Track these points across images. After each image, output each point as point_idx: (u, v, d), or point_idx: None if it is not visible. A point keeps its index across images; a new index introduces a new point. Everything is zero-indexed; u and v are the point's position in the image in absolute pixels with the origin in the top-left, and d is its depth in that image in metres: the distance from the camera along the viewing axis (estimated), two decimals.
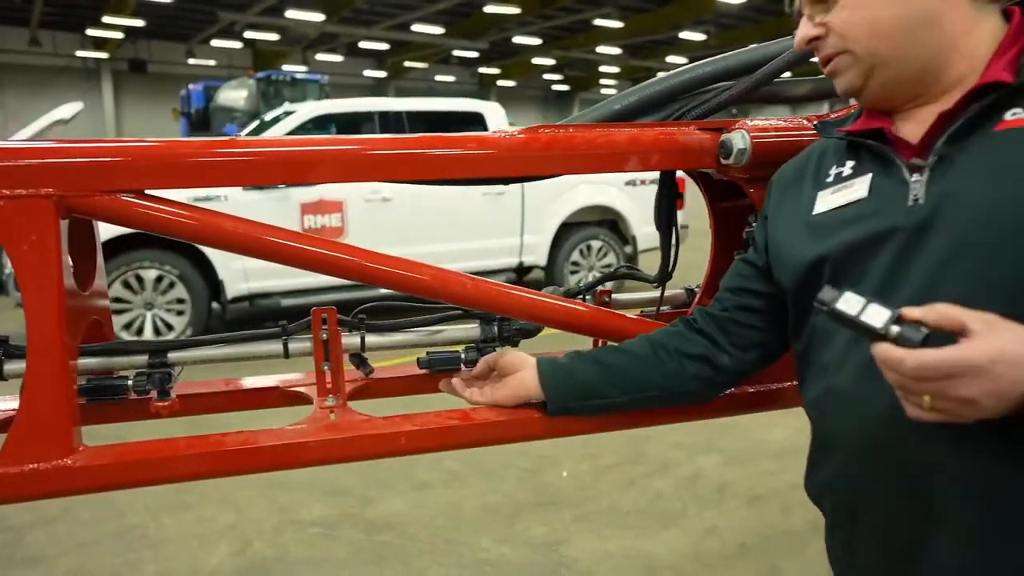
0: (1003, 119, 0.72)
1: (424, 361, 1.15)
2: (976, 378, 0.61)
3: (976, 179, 0.72)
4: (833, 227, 0.82)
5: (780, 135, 1.06)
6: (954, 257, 0.71)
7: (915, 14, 0.74)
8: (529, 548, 2.54)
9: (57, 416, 0.84)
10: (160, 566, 2.43)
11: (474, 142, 1.00)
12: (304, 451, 0.93)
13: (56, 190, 0.84)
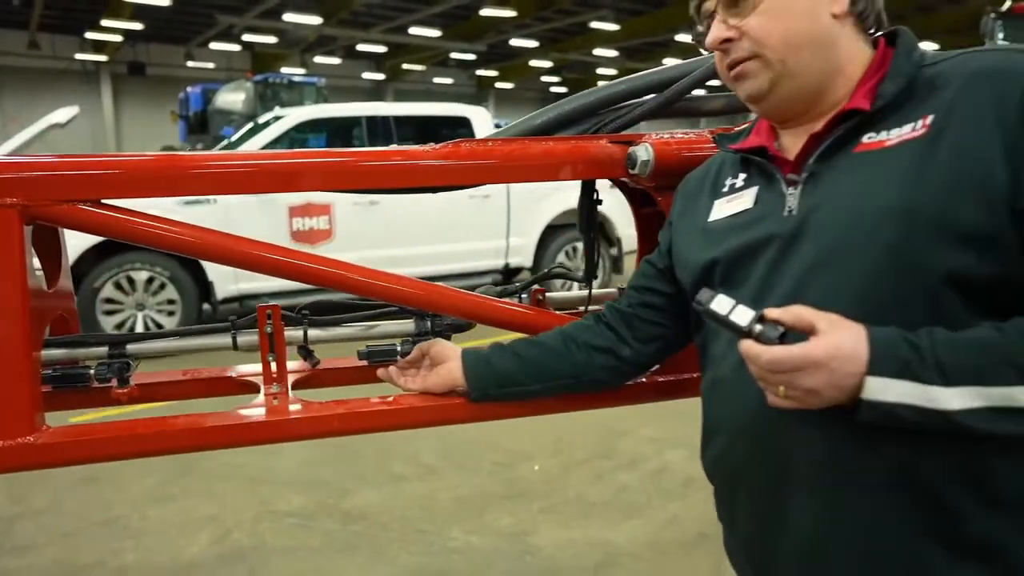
0: (861, 141, 0.81)
1: (364, 353, 1.26)
2: (817, 371, 0.71)
3: (837, 194, 0.81)
4: (724, 233, 0.91)
5: (681, 147, 1.17)
6: (817, 263, 0.80)
7: (821, 33, 0.83)
8: (497, 537, 2.65)
9: (20, 399, 0.95)
10: (141, 555, 2.54)
11: (400, 155, 1.11)
12: (245, 431, 1.04)
13: (19, 199, 0.95)
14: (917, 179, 0.75)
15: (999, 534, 0.75)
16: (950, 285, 0.73)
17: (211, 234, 1.06)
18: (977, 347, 0.70)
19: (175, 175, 1.05)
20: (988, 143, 0.73)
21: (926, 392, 0.69)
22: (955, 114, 0.76)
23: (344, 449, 3.44)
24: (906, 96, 0.80)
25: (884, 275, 0.75)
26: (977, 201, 0.72)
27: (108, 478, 3.14)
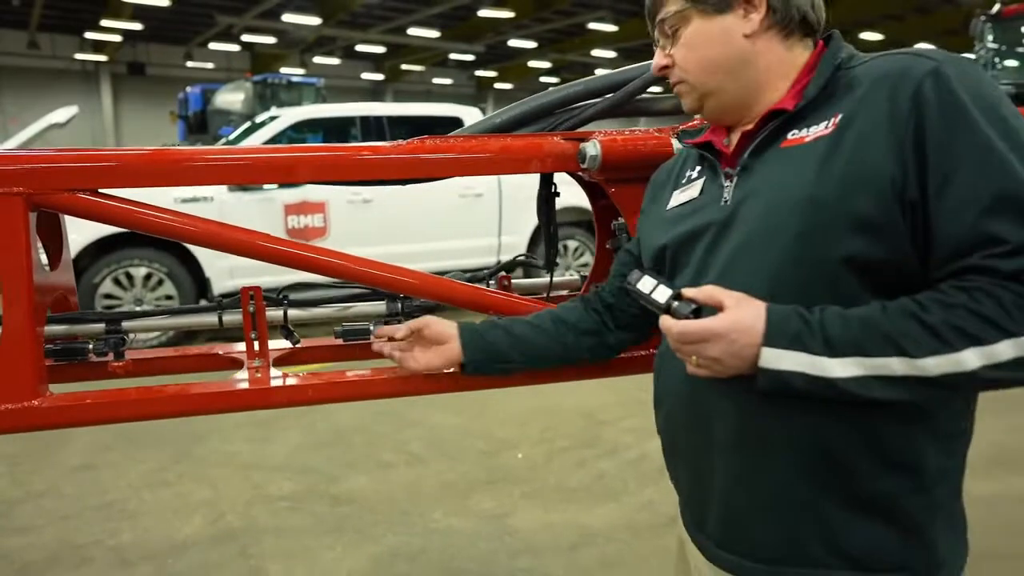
0: (787, 138, 0.89)
1: (339, 332, 1.37)
2: (719, 341, 0.81)
3: (763, 186, 0.89)
4: (675, 221, 1.00)
5: (627, 144, 1.29)
6: (742, 248, 0.88)
7: (736, 55, 0.92)
8: (478, 519, 2.76)
9: (25, 367, 1.06)
10: (137, 535, 2.66)
11: (368, 150, 1.23)
12: (229, 398, 1.16)
13: (24, 189, 1.06)
14: (821, 173, 0.83)
15: (891, 493, 0.85)
16: (848, 268, 0.81)
17: (194, 220, 1.18)
18: (861, 323, 0.78)
19: (163, 167, 1.16)
20: (882, 140, 0.80)
21: (814, 361, 0.78)
22: (859, 113, 0.83)
23: (334, 438, 3.56)
24: (825, 96, 0.88)
25: (793, 259, 0.84)
26: (871, 193, 0.79)
27: (105, 464, 3.26)
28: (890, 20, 22.92)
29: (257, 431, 3.64)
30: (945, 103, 0.78)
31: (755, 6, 0.91)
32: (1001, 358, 0.73)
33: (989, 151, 0.76)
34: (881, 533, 0.85)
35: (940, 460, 0.87)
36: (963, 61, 0.84)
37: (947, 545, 0.88)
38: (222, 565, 2.46)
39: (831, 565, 0.86)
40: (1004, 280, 0.73)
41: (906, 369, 0.75)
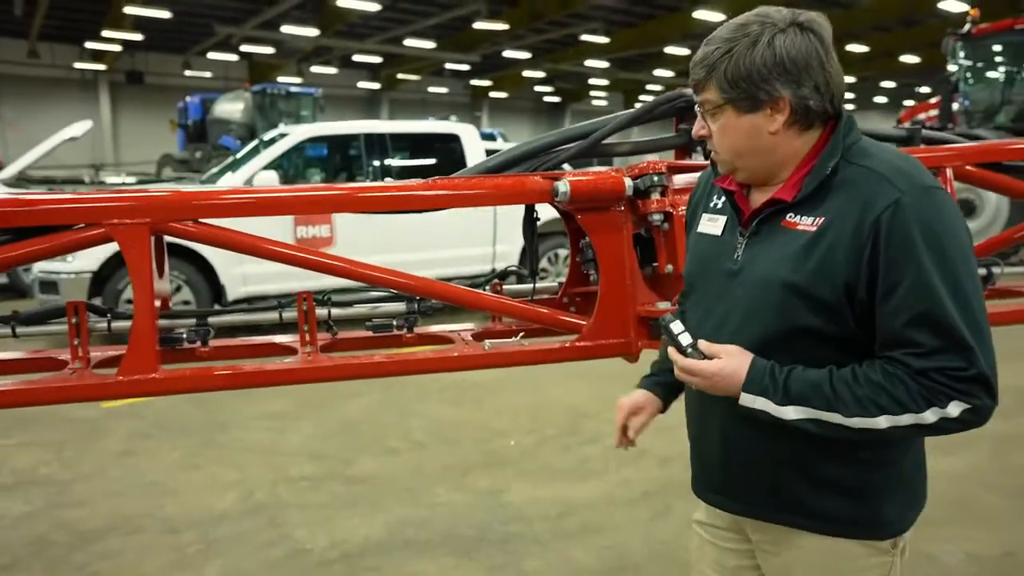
0: (786, 218, 1.11)
1: (370, 326, 1.78)
2: (708, 379, 1.10)
3: (762, 256, 1.12)
4: (699, 248, 1.25)
5: (590, 182, 1.69)
6: (741, 302, 1.14)
7: (760, 146, 1.11)
8: (475, 495, 3.16)
9: (150, 349, 1.46)
10: (179, 508, 3.05)
11: (396, 188, 1.64)
12: (292, 373, 1.56)
13: (149, 219, 1.47)
14: (800, 263, 1.07)
15: (844, 478, 1.14)
16: (810, 336, 1.08)
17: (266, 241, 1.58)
18: (812, 384, 1.05)
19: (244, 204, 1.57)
20: (846, 250, 1.04)
21: (774, 407, 1.07)
22: (834, 223, 1.06)
23: (344, 428, 3.95)
24: (818, 191, 1.09)
25: (771, 322, 1.10)
26: (830, 288, 1.05)
27: (143, 451, 3.65)
28: (877, 31, 23.52)
29: (274, 422, 4.03)
30: (898, 235, 1.01)
31: (780, 110, 1.07)
32: (902, 423, 1.03)
33: (924, 279, 1.00)
34: (836, 502, 1.14)
35: (879, 455, 1.14)
36: (925, 194, 1.03)
37: (894, 511, 1.16)
38: (255, 532, 2.85)
39: (800, 516, 1.16)
40: (914, 373, 1.02)
41: (837, 420, 1.05)
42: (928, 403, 1.02)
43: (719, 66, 1.09)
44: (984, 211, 8.45)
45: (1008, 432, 3.83)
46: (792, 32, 1.07)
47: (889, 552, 1.18)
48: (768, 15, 1.09)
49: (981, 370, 1.01)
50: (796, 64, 1.06)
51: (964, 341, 1.01)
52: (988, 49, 9.82)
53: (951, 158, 2.03)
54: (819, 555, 1.18)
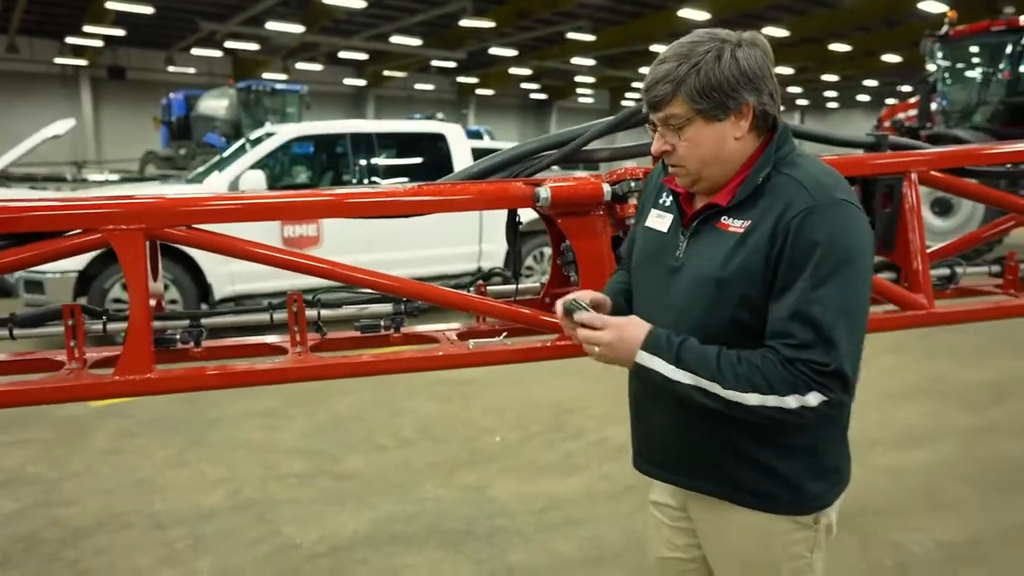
0: (720, 220, 1.22)
1: (358, 326, 1.84)
2: (610, 332, 1.20)
3: (699, 255, 1.23)
4: (646, 241, 1.35)
5: (570, 188, 1.76)
6: (680, 295, 1.25)
7: (726, 154, 1.20)
8: (461, 490, 3.23)
9: (146, 351, 1.52)
10: (168, 504, 3.09)
11: (386, 194, 1.70)
12: (283, 372, 1.62)
13: (144, 225, 1.52)
14: (727, 262, 1.18)
15: (771, 460, 1.24)
16: (741, 329, 1.19)
17: (255, 245, 1.64)
18: (702, 355, 1.16)
19: (236, 209, 1.62)
20: (763, 249, 1.15)
21: (666, 367, 1.17)
22: (759, 225, 1.17)
23: (333, 425, 4.01)
24: (749, 199, 1.20)
25: (705, 315, 1.21)
26: (752, 283, 1.16)
27: (131, 449, 3.68)
28: (859, 31, 23.78)
29: (264, 420, 4.08)
30: (802, 238, 1.12)
31: (744, 115, 1.18)
32: (767, 404, 1.13)
33: (814, 282, 1.11)
34: (763, 479, 1.25)
35: (801, 439, 1.24)
36: (835, 205, 1.13)
37: (816, 490, 1.26)
38: (244, 528, 2.90)
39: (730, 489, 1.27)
40: (783, 361, 1.12)
41: (715, 390, 1.15)
42: (792, 389, 1.12)
43: (687, 80, 1.17)
44: (961, 209, 8.63)
45: (978, 424, 3.96)
46: (746, 46, 1.18)
47: (812, 527, 1.29)
48: (715, 34, 1.20)
49: (842, 368, 1.12)
50: (756, 73, 1.17)
51: (832, 341, 1.11)
52: (965, 50, 9.99)
53: (916, 163, 2.12)
54: (750, 529, 1.29)
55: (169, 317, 1.70)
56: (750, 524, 1.29)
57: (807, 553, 1.30)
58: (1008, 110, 9.15)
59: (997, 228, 2.51)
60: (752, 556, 1.31)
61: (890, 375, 4.77)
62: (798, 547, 1.29)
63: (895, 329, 2.09)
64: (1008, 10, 13.74)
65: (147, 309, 1.52)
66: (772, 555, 1.29)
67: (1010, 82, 9.30)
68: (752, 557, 1.31)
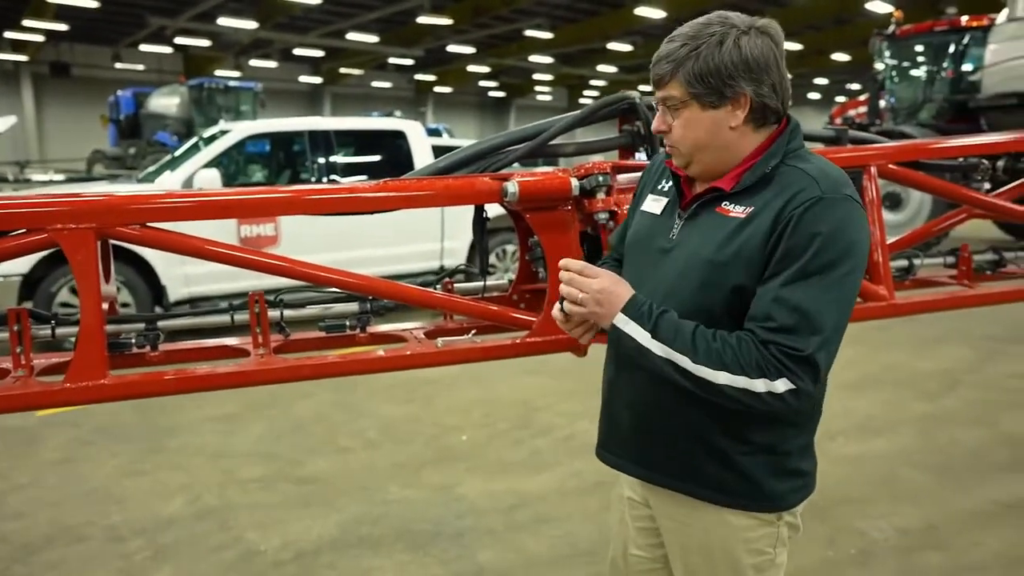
0: (721, 205, 1.20)
1: (322, 326, 1.79)
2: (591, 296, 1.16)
3: (694, 236, 1.22)
4: (640, 224, 1.33)
5: (538, 182, 1.74)
6: (671, 274, 1.23)
7: (720, 142, 1.19)
8: (428, 490, 3.19)
9: (99, 356, 1.44)
10: (125, 515, 2.98)
11: (347, 190, 1.65)
12: (245, 375, 1.56)
13: (95, 224, 1.44)
14: (724, 246, 1.17)
15: (730, 451, 1.24)
16: (724, 310, 1.18)
17: (212, 243, 1.57)
18: (678, 328, 1.14)
19: (189, 207, 1.56)
20: (764, 237, 1.13)
21: (641, 334, 1.15)
22: (762, 212, 1.15)
23: (295, 428, 3.92)
24: (755, 185, 1.18)
25: (692, 295, 1.20)
26: (746, 269, 1.15)
27: (83, 458, 3.54)
28: (810, 30, 24.36)
29: (222, 425, 3.96)
30: (802, 229, 1.11)
31: (741, 106, 1.16)
32: (735, 385, 1.11)
33: (808, 270, 1.10)
34: (724, 472, 1.25)
35: (767, 439, 1.24)
36: (843, 200, 1.12)
37: (781, 490, 1.26)
38: (205, 536, 2.81)
39: (691, 480, 1.28)
40: (759, 343, 1.11)
41: (685, 364, 1.13)
42: (761, 373, 1.10)
43: (686, 63, 1.16)
44: (909, 204, 8.91)
45: (933, 413, 4.08)
46: (754, 34, 1.16)
47: (774, 524, 1.29)
48: (727, 18, 1.17)
49: (815, 357, 1.10)
50: (758, 64, 1.15)
51: (813, 328, 1.10)
52: (911, 49, 10.32)
53: (875, 157, 2.16)
54: (711, 524, 1.29)
55: (123, 320, 1.62)
56: (711, 519, 1.29)
57: (769, 549, 1.30)
58: (952, 107, 9.49)
59: (951, 220, 2.58)
60: (714, 551, 1.30)
61: (850, 366, 4.88)
62: (760, 543, 1.29)
63: (856, 321, 2.11)
64: (951, 10, 14.22)
65: (99, 312, 1.44)
66: (733, 550, 1.29)
67: (953, 80, 9.65)
68: (714, 552, 1.30)
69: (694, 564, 1.34)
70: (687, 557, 1.35)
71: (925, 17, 10.92)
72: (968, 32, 9.46)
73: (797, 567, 2.56)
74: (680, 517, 1.33)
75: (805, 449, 1.32)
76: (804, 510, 1.35)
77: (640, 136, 1.96)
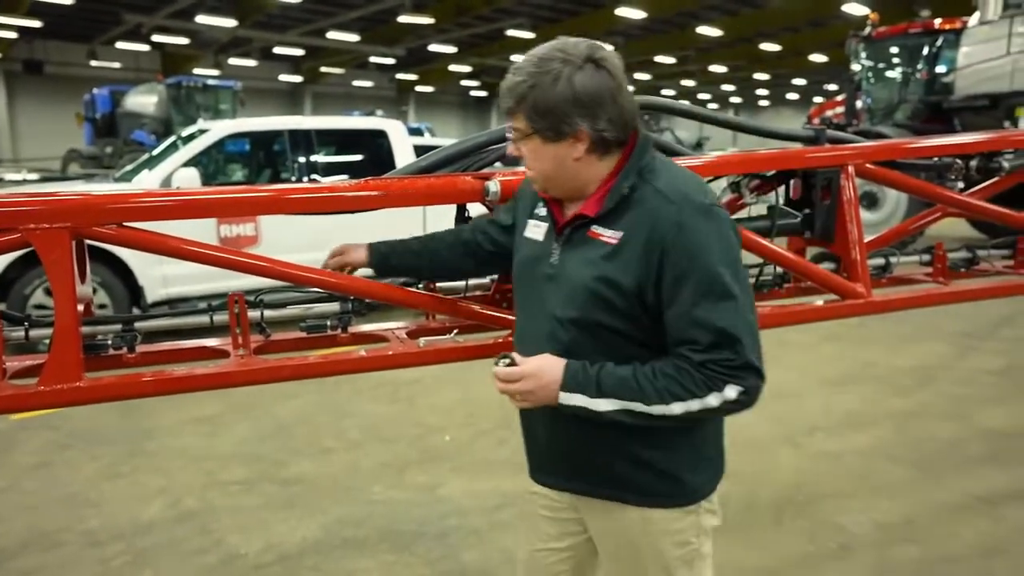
0: (592, 229, 1.26)
1: (304, 326, 1.78)
2: (528, 380, 1.20)
3: (572, 261, 1.27)
4: (524, 250, 1.38)
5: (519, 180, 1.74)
6: (557, 301, 1.28)
7: (565, 171, 1.25)
8: (412, 491, 3.18)
9: (74, 358, 1.42)
10: (103, 520, 2.93)
11: (329, 189, 1.64)
12: (226, 376, 1.55)
13: (69, 224, 1.42)
14: (599, 270, 1.23)
15: (656, 459, 1.31)
16: (613, 333, 1.24)
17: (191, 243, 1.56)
18: (620, 379, 1.20)
19: (167, 207, 1.54)
20: (637, 261, 1.20)
21: (589, 401, 1.21)
22: (631, 239, 1.21)
23: (278, 430, 3.89)
24: (618, 207, 1.24)
25: (579, 319, 1.25)
26: (624, 292, 1.21)
27: (61, 462, 3.48)
28: (787, 32, 24.62)
29: (204, 427, 3.92)
30: (679, 253, 1.18)
31: (581, 139, 1.21)
32: (692, 408, 1.19)
33: (700, 289, 1.18)
34: (648, 476, 1.31)
35: (684, 439, 1.31)
36: (702, 212, 1.19)
37: (698, 482, 1.34)
38: (186, 539, 2.78)
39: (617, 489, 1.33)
40: (696, 366, 1.18)
41: (641, 409, 1.20)
42: (709, 389, 1.19)
43: (527, 98, 1.21)
44: (885, 204, 9.03)
45: (909, 408, 4.14)
46: (588, 69, 1.19)
47: (695, 513, 1.36)
48: (566, 50, 1.20)
49: (748, 359, 1.18)
50: (592, 99, 1.19)
51: (733, 337, 1.18)
52: (887, 51, 10.47)
53: (853, 156, 2.19)
54: (636, 523, 1.36)
55: (99, 321, 1.60)
56: (636, 518, 1.35)
57: (693, 539, 1.36)
58: (927, 108, 9.63)
59: (927, 219, 2.62)
60: (642, 549, 1.36)
61: (829, 363, 4.95)
62: (684, 534, 1.36)
63: (836, 318, 2.15)
64: (924, 13, 14.44)
65: (74, 313, 1.42)
66: (660, 545, 1.35)
67: (927, 81, 9.80)
68: (642, 550, 1.36)
69: (624, 564, 1.40)
70: (617, 557, 1.41)
71: (900, 19, 11.08)
72: (941, 35, 9.61)
73: (779, 562, 2.60)
74: (608, 521, 1.38)
75: (717, 435, 1.40)
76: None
77: None
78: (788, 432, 3.67)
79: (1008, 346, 5.33)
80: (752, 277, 2.16)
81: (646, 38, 25.66)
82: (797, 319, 2.07)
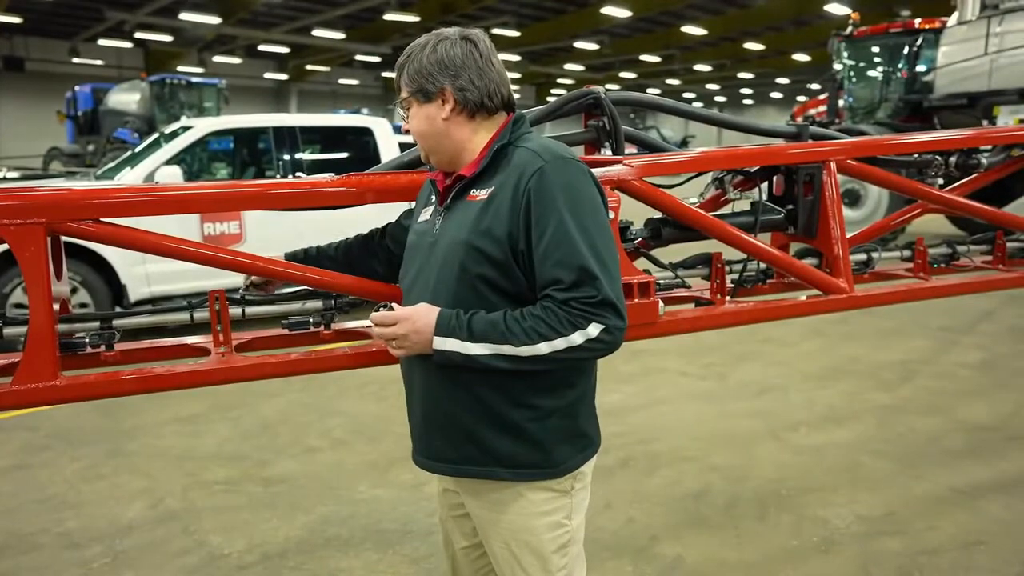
0: (470, 192, 1.33)
1: (286, 324, 1.76)
2: (404, 323, 1.25)
3: (452, 225, 1.33)
4: (412, 235, 1.46)
5: None
6: (436, 264, 1.33)
7: (438, 130, 1.34)
8: (398, 489, 3.16)
9: (49, 357, 1.40)
10: (82, 521, 2.89)
11: (310, 184, 1.63)
12: (206, 375, 1.53)
13: (44, 219, 1.40)
14: (474, 226, 1.28)
15: (522, 422, 1.32)
16: (485, 284, 1.28)
17: (172, 240, 1.54)
18: (490, 322, 1.24)
19: (145, 202, 1.52)
20: (507, 211, 1.26)
21: (462, 345, 1.24)
22: (500, 191, 1.28)
23: (261, 429, 3.86)
24: (491, 169, 1.32)
25: (457, 277, 1.29)
26: (498, 242, 1.26)
27: (39, 464, 3.43)
28: (771, 31, 24.78)
29: (186, 426, 3.88)
30: (542, 194, 1.25)
31: (447, 99, 1.33)
32: (558, 347, 1.23)
33: (562, 228, 1.24)
34: (516, 445, 1.32)
35: (552, 402, 1.33)
36: (563, 162, 1.28)
37: (563, 454, 1.35)
38: (167, 541, 2.75)
39: (488, 463, 1.34)
40: (559, 304, 1.23)
41: (510, 351, 1.24)
42: (573, 327, 1.24)
43: (406, 68, 1.37)
44: (867, 201, 9.12)
45: (891, 403, 4.19)
46: (456, 40, 1.34)
47: (568, 493, 1.39)
48: (443, 32, 1.37)
49: (607, 296, 1.24)
50: (454, 63, 1.33)
51: (593, 274, 1.24)
52: (868, 50, 10.56)
53: (835, 152, 2.21)
54: (509, 504, 1.37)
55: (77, 319, 1.57)
56: (508, 498, 1.37)
57: (567, 521, 1.39)
58: (907, 106, 9.73)
59: (907, 215, 2.64)
60: (517, 533, 1.37)
61: (812, 358, 4.99)
62: (557, 515, 1.38)
63: (819, 313, 2.16)
64: (905, 13, 14.60)
65: (50, 310, 1.40)
66: (534, 528, 1.37)
67: (908, 80, 9.89)
68: (517, 534, 1.37)
69: (501, 551, 1.40)
70: (496, 544, 1.41)
71: (881, 19, 11.19)
72: (921, 34, 9.70)
73: (763, 556, 2.62)
74: (485, 505, 1.40)
75: (590, 408, 1.43)
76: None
77: (605, 131, 1.97)
78: (771, 427, 3.69)
79: (988, 341, 5.40)
80: (736, 272, 2.17)
81: (631, 37, 25.74)
82: (780, 314, 2.08)
